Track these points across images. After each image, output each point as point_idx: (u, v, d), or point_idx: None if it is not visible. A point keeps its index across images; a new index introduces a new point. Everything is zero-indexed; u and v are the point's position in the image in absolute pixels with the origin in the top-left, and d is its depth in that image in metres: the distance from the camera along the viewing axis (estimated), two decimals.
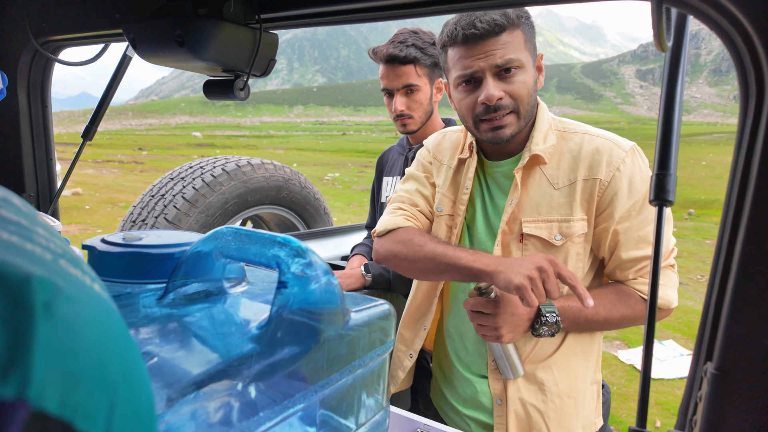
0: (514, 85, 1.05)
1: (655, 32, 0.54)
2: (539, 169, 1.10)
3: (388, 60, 1.64)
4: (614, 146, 1.06)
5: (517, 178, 1.11)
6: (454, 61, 1.08)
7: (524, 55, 1.05)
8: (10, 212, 0.19)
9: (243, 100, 0.94)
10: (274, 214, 2.77)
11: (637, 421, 0.57)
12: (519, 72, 1.05)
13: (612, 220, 1.05)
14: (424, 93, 1.68)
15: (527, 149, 1.11)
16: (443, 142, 1.29)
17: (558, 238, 1.07)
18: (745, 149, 0.51)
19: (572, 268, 1.09)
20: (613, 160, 1.05)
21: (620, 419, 3.07)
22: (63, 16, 1.07)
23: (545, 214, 1.08)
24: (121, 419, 0.18)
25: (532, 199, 1.10)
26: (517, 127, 1.08)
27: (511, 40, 1.03)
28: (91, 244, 0.56)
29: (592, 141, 1.08)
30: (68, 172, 1.30)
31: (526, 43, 1.06)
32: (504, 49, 1.03)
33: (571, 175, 1.07)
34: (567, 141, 1.11)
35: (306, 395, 0.52)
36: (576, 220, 1.07)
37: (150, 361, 0.43)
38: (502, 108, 1.05)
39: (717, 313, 0.52)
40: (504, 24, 1.02)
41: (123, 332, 0.20)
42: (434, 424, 0.94)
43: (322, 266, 0.52)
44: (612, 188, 1.04)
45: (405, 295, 1.76)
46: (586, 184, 1.06)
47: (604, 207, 1.06)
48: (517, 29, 1.04)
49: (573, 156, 1.08)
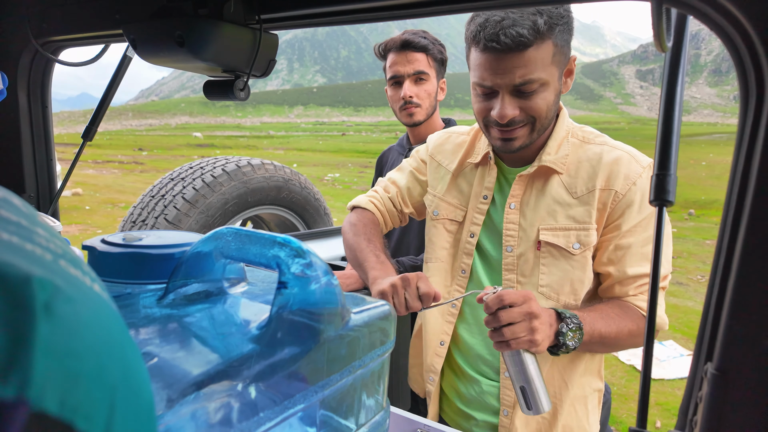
0: (531, 102, 1.00)
1: (655, 32, 0.54)
2: (557, 177, 1.09)
3: (402, 45, 1.66)
4: (633, 160, 1.05)
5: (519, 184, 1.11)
6: (473, 64, 1.02)
7: (549, 71, 0.98)
8: (10, 213, 0.19)
9: (243, 101, 0.94)
10: (274, 215, 2.77)
11: (637, 422, 0.56)
12: (540, 89, 0.99)
13: (618, 232, 1.04)
14: (432, 85, 1.70)
15: (538, 158, 1.09)
16: (446, 143, 1.27)
17: (576, 246, 1.06)
18: (745, 149, 0.51)
19: (588, 278, 1.07)
20: (631, 173, 1.04)
21: (620, 419, 3.07)
22: (63, 16, 1.07)
23: (562, 222, 1.07)
24: (121, 420, 0.18)
25: (549, 206, 1.08)
26: (528, 139, 1.06)
27: (536, 57, 0.95)
28: (91, 244, 0.56)
29: (612, 152, 1.07)
30: (68, 172, 1.30)
31: (554, 56, 0.98)
32: (525, 68, 0.96)
33: (590, 183, 1.06)
34: (585, 150, 1.09)
35: (306, 396, 0.52)
36: (592, 229, 1.05)
37: (150, 362, 0.43)
38: (515, 123, 1.02)
39: (717, 313, 0.52)
40: (530, 40, 0.93)
41: (123, 333, 0.20)
42: (434, 424, 0.94)
43: (322, 267, 0.52)
44: (626, 201, 1.03)
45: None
46: (602, 194, 1.05)
47: (614, 218, 1.05)
48: (547, 41, 0.95)
49: (592, 165, 1.07)
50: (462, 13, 1.03)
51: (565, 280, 1.07)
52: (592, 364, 1.16)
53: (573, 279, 1.07)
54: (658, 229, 0.60)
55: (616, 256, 1.05)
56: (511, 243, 1.12)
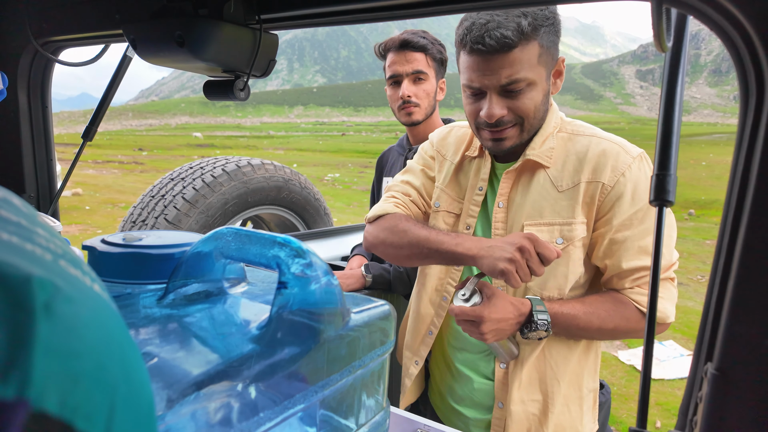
0: (518, 102, 1.02)
1: (655, 32, 0.54)
2: (543, 171, 1.09)
3: (401, 45, 1.67)
4: (621, 151, 1.04)
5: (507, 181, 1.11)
6: (462, 67, 1.05)
7: (536, 71, 1.00)
8: (10, 213, 0.19)
9: (243, 101, 0.94)
10: (274, 215, 2.77)
11: (637, 422, 0.56)
12: (527, 89, 1.01)
13: (610, 226, 1.03)
14: (431, 84, 1.70)
15: (523, 154, 1.10)
16: (449, 137, 1.28)
17: (559, 241, 1.06)
18: (745, 149, 0.51)
19: (573, 272, 1.07)
20: (619, 164, 1.02)
21: (620, 420, 3.07)
22: (63, 16, 1.07)
23: (548, 217, 1.07)
24: (121, 420, 0.18)
25: (535, 201, 1.08)
26: (518, 139, 1.07)
27: (521, 57, 0.98)
28: (91, 244, 0.56)
29: (600, 144, 1.06)
30: (68, 172, 1.30)
31: (541, 57, 1.00)
32: (511, 68, 0.98)
33: (575, 177, 1.05)
34: (574, 143, 1.08)
35: (306, 396, 0.52)
36: (577, 224, 1.05)
37: (150, 362, 0.43)
38: (503, 123, 1.04)
39: (717, 313, 0.52)
40: (514, 41, 0.96)
41: (123, 333, 0.20)
42: (434, 424, 0.94)
43: (322, 267, 0.52)
44: (615, 193, 1.02)
45: (405, 295, 1.76)
46: (588, 187, 1.04)
47: (605, 212, 1.04)
48: (532, 42, 0.98)
49: (579, 158, 1.06)
50: (462, 13, 1.04)
51: (549, 275, 1.07)
52: (587, 362, 1.16)
53: (557, 274, 1.07)
54: (658, 230, 0.60)
55: (612, 251, 1.05)
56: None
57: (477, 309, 1.00)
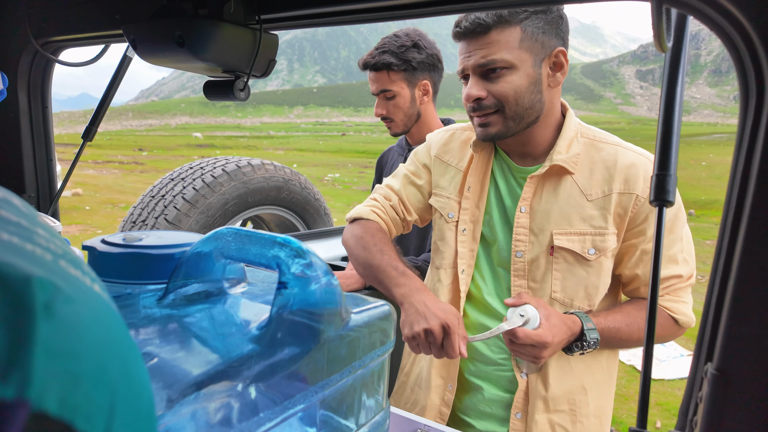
0: (497, 86, 1.03)
1: (655, 32, 0.54)
2: (569, 177, 1.06)
3: (363, 68, 1.71)
4: (649, 162, 1.04)
5: (530, 185, 1.08)
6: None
7: (516, 54, 1.01)
8: (10, 213, 0.19)
9: (243, 101, 0.94)
10: (274, 215, 2.77)
11: (637, 422, 0.56)
12: (506, 72, 1.02)
13: (644, 237, 1.04)
14: (402, 97, 1.68)
15: (549, 158, 1.07)
16: (452, 141, 1.24)
17: (591, 252, 1.04)
18: (745, 150, 0.51)
19: (603, 284, 1.06)
20: (650, 176, 1.03)
21: (621, 420, 3.07)
22: (63, 16, 1.07)
23: (578, 227, 1.05)
24: (121, 420, 0.18)
25: (563, 209, 1.06)
26: (503, 127, 1.06)
27: (498, 39, 1.00)
28: (91, 244, 0.56)
29: (626, 154, 1.05)
30: (68, 172, 1.30)
31: (523, 42, 1.01)
32: (487, 48, 1.01)
33: (606, 186, 1.04)
34: (598, 151, 1.07)
35: (306, 396, 0.52)
36: (609, 234, 1.04)
37: (150, 362, 0.43)
38: (483, 108, 1.05)
39: (717, 313, 0.52)
40: (488, 24, 0.99)
41: (123, 333, 0.20)
42: (434, 425, 0.94)
43: (322, 267, 0.52)
44: (648, 205, 1.01)
45: None
46: (621, 198, 1.03)
47: (638, 223, 1.04)
48: (512, 27, 1.00)
49: (607, 167, 1.05)
50: (462, 13, 1.04)
51: (579, 286, 1.05)
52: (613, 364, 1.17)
53: (588, 285, 1.05)
54: (658, 230, 0.60)
55: (644, 261, 1.06)
56: (521, 248, 1.09)
57: (542, 334, 0.94)
